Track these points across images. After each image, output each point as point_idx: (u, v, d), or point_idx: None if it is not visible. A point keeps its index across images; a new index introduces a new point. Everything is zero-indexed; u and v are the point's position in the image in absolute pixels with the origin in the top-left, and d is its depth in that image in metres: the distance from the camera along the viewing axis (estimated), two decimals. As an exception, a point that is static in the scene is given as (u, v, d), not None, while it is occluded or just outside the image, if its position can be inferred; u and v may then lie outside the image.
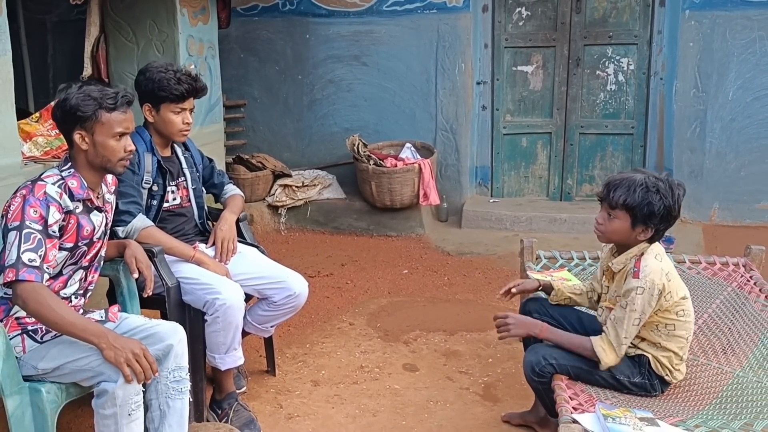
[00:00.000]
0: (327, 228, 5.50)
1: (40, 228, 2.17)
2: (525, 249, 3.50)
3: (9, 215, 2.18)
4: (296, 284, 2.96)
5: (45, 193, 2.20)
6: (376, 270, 4.75)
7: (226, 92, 5.26)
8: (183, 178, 3.02)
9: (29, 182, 2.25)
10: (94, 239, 2.39)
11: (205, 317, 2.74)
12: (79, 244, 2.32)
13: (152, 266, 2.62)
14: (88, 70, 4.21)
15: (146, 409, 2.33)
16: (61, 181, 2.28)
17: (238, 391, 2.97)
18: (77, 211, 2.30)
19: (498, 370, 3.37)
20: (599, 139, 5.69)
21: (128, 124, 2.34)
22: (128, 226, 2.74)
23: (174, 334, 2.38)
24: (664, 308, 2.35)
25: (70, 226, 2.28)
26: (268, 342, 3.29)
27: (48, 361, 2.21)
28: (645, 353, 2.40)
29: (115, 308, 2.48)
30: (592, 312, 2.75)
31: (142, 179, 2.87)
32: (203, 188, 3.16)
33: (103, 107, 2.27)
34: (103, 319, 2.42)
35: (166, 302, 2.71)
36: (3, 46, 2.88)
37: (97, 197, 2.40)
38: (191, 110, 2.95)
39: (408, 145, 5.42)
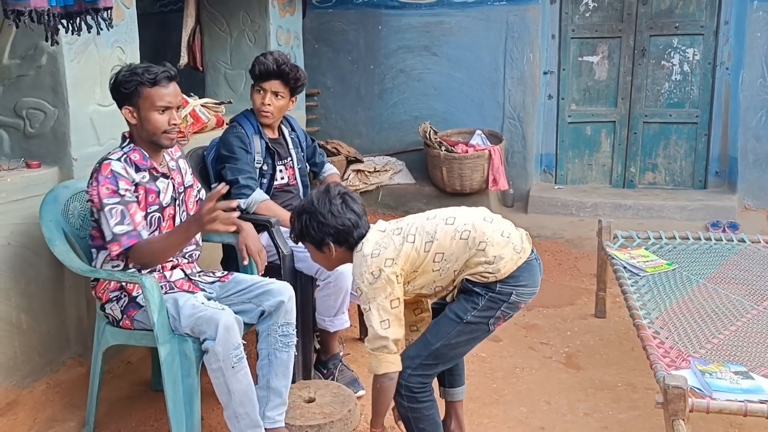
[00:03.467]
0: (398, 211, 5.73)
1: (117, 200, 2.37)
2: (603, 229, 3.69)
3: (92, 201, 2.40)
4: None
5: (111, 170, 2.39)
6: (448, 251, 4.95)
7: (302, 81, 5.52)
8: (290, 158, 3.27)
9: (97, 164, 2.43)
10: (163, 204, 2.54)
11: (317, 282, 2.98)
12: (149, 210, 2.49)
13: (263, 249, 2.79)
14: (184, 59, 4.50)
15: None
16: (124, 156, 2.45)
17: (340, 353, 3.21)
18: (144, 180, 2.48)
19: (577, 342, 3.56)
20: (663, 128, 5.80)
21: (170, 98, 2.44)
22: (249, 199, 3.00)
23: (285, 292, 2.60)
24: (415, 269, 2.26)
25: (140, 196, 2.46)
26: (362, 313, 3.51)
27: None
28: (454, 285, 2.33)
29: (228, 276, 2.72)
30: None
31: (254, 159, 3.12)
32: (307, 166, 3.40)
33: (144, 83, 2.39)
34: (216, 280, 2.68)
35: (281, 268, 2.95)
36: (132, 35, 3.17)
37: (161, 164, 2.56)
38: (277, 94, 3.11)
39: (479, 131, 5.62)
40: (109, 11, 2.35)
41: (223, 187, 2.34)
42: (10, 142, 2.93)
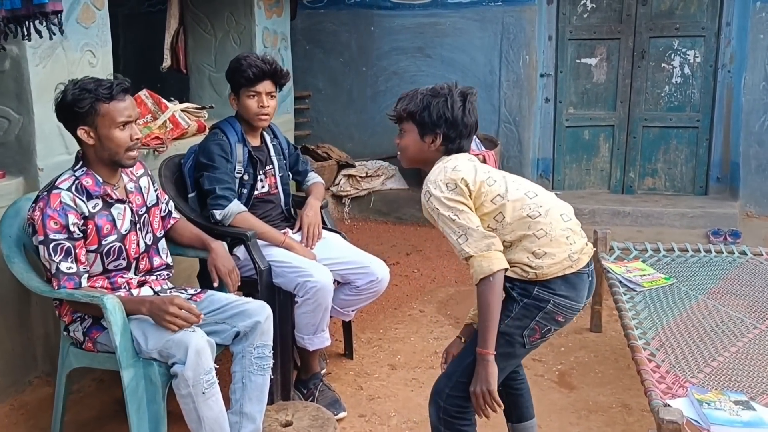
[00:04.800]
0: (390, 218, 5.59)
1: (65, 236, 2.24)
2: (599, 240, 3.54)
3: (34, 228, 2.25)
4: (379, 270, 3.05)
5: (60, 202, 2.24)
6: (440, 259, 4.82)
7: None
8: (271, 166, 3.13)
9: (45, 191, 2.28)
10: (122, 232, 2.40)
11: (296, 299, 2.84)
12: (103, 243, 2.35)
13: (235, 270, 2.66)
14: (167, 62, 4.36)
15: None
16: (76, 183, 2.30)
17: (321, 372, 3.08)
18: (96, 210, 2.33)
19: (571, 359, 3.42)
20: (663, 132, 5.65)
21: (130, 112, 2.30)
22: (225, 210, 2.87)
23: (261, 312, 2.47)
24: (474, 205, 2.10)
25: (89, 230, 2.31)
26: (347, 327, 3.38)
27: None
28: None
29: (201, 294, 2.59)
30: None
31: (234, 168, 2.98)
32: (289, 175, 3.26)
33: (100, 98, 2.23)
34: (188, 298, 2.53)
35: (258, 284, 2.82)
36: (104, 38, 3.02)
37: (116, 189, 2.40)
38: (270, 95, 3.01)
39: (473, 136, 5.46)
40: (58, 15, 2.21)
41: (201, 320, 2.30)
42: (-27, 151, 2.79)
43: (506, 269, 2.04)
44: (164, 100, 3.67)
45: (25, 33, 2.23)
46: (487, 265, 2.00)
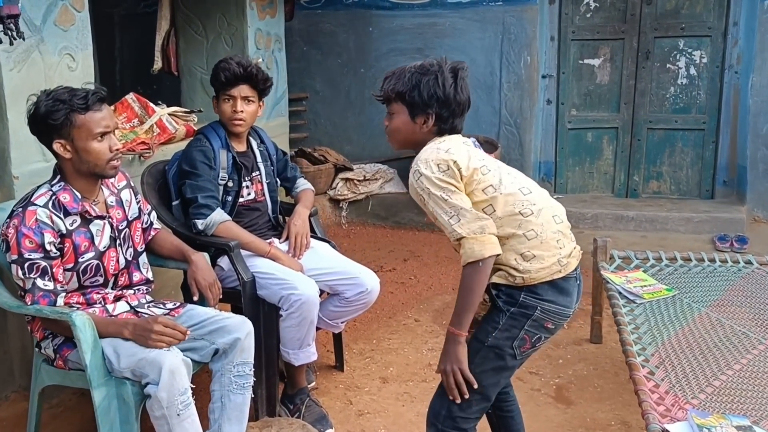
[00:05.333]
0: (388, 222, 5.48)
1: (40, 255, 2.14)
2: (598, 248, 3.43)
3: (8, 245, 2.14)
4: (368, 280, 2.94)
5: (36, 220, 2.13)
6: (438, 266, 4.71)
7: (288, 85, 5.28)
8: (257, 173, 3.03)
9: (21, 207, 2.17)
10: (101, 249, 2.30)
11: (280, 312, 2.74)
12: (80, 260, 2.25)
13: (215, 283, 2.57)
14: (158, 64, 4.26)
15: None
16: (53, 198, 2.19)
17: (308, 386, 2.97)
18: (74, 226, 2.23)
19: (569, 372, 3.30)
20: (668, 134, 5.53)
21: (108, 122, 2.18)
22: (207, 220, 2.76)
23: (242, 328, 2.38)
24: (465, 192, 1.98)
25: (66, 248, 2.21)
26: (337, 338, 3.28)
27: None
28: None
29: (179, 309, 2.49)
30: None
31: (218, 175, 2.88)
32: (277, 181, 3.16)
33: (75, 109, 2.12)
34: (166, 313, 2.45)
35: (242, 296, 2.72)
36: (84, 41, 2.92)
37: (95, 204, 2.30)
38: (247, 99, 2.89)
39: (472, 139, 5.27)
40: (14, 20, 2.10)
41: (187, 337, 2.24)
42: (-53, 158, 2.69)
43: (498, 254, 1.93)
44: (151, 104, 3.57)
45: (-21, 38, 2.12)
46: (479, 249, 1.90)
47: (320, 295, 2.92)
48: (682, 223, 5.09)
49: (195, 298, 2.53)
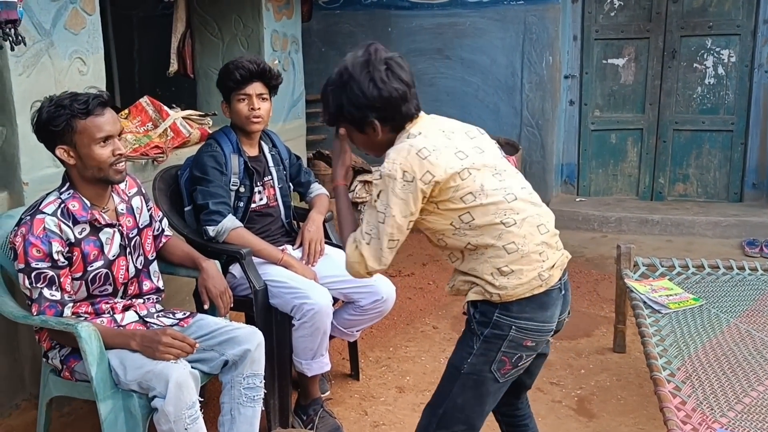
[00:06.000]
0: (407, 225, 5.39)
1: (48, 265, 2.09)
2: (622, 255, 3.32)
3: (15, 253, 2.10)
4: (384, 288, 2.86)
5: (44, 229, 2.09)
6: (458, 270, 4.61)
7: (306, 87, 5.21)
8: (269, 177, 2.97)
9: (29, 215, 2.13)
10: (110, 257, 2.26)
11: (293, 322, 2.67)
12: (88, 269, 2.21)
13: (226, 291, 2.51)
14: (174, 66, 4.23)
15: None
16: (61, 206, 2.15)
17: (322, 396, 2.90)
18: (83, 235, 2.19)
19: (591, 383, 3.20)
20: (695, 135, 5.39)
21: (110, 127, 2.12)
22: (218, 226, 2.71)
23: (252, 339, 2.32)
24: (439, 198, 1.81)
25: (74, 257, 2.17)
26: (352, 346, 3.21)
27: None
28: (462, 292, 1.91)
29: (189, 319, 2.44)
30: None
31: (229, 180, 2.83)
32: (290, 186, 3.10)
33: (76, 115, 2.08)
34: (175, 323, 2.40)
35: (254, 305, 2.66)
36: (95, 44, 2.87)
37: (104, 212, 2.25)
38: (261, 96, 2.84)
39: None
40: (12, 26, 2.05)
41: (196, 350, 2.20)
42: (-42, 164, 2.67)
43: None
44: (165, 107, 3.52)
45: (-20, 43, 2.08)
46: (357, 267, 1.86)
47: (334, 303, 2.85)
48: (709, 227, 4.96)
49: (205, 307, 2.48)
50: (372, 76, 1.81)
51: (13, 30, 2.06)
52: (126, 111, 3.57)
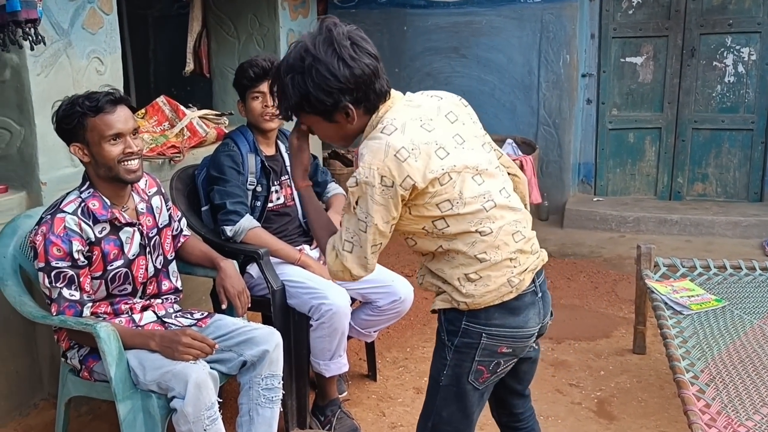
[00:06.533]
0: (422, 225, 5.37)
1: (68, 264, 2.10)
2: (642, 256, 3.28)
3: (35, 252, 2.10)
4: (402, 288, 2.84)
5: (65, 227, 2.09)
6: (474, 270, 4.59)
7: (322, 86, 5.21)
8: (286, 176, 2.95)
9: (49, 214, 2.14)
10: (130, 257, 2.26)
11: (310, 322, 2.66)
12: (108, 269, 2.21)
13: (245, 291, 2.50)
14: (190, 66, 4.23)
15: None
16: (82, 205, 2.15)
17: (340, 397, 2.89)
18: (103, 234, 2.19)
19: (611, 384, 3.16)
20: (714, 134, 5.32)
21: (120, 124, 2.11)
22: (236, 226, 2.70)
23: (270, 340, 2.31)
24: (414, 203, 1.68)
25: (95, 256, 2.17)
26: (370, 346, 3.19)
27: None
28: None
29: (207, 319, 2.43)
30: None
31: (246, 180, 2.82)
32: (307, 186, 3.08)
33: (86, 112, 2.09)
34: (193, 323, 2.40)
35: (271, 305, 2.65)
36: (113, 44, 2.87)
37: (124, 211, 2.25)
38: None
39: (509, 140, 5.22)
40: (32, 25, 2.05)
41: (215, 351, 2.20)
42: (-22, 164, 2.67)
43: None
44: (182, 107, 3.52)
45: (0, 43, 2.07)
46: (342, 278, 1.76)
47: (352, 304, 2.83)
48: (729, 227, 4.89)
49: (223, 307, 2.47)
50: (340, 54, 1.61)
51: (33, 29, 2.05)
52: (143, 111, 3.57)
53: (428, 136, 1.67)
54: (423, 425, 1.88)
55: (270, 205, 2.88)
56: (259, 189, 2.85)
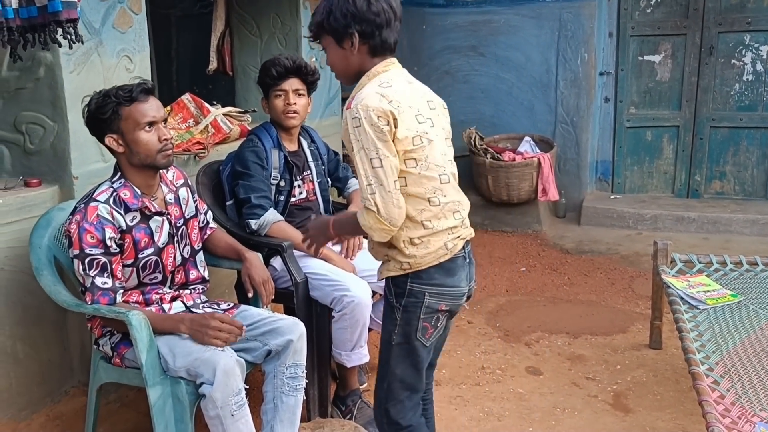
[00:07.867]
0: (440, 222, 5.42)
1: (101, 251, 2.17)
2: (659, 251, 3.32)
3: (70, 241, 2.18)
4: (421, 282, 2.90)
5: (98, 216, 2.17)
6: (492, 267, 4.64)
7: (341, 84, 5.27)
8: (309, 172, 3.02)
9: (83, 204, 2.21)
10: (159, 245, 2.33)
11: (332, 314, 2.72)
12: (140, 256, 2.28)
13: (269, 280, 2.57)
14: (213, 64, 4.31)
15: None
16: (113, 195, 2.23)
17: (360, 387, 2.95)
18: (134, 222, 2.26)
19: (627, 378, 3.20)
20: (732, 133, 5.33)
21: (154, 112, 2.22)
22: (261, 220, 2.77)
23: (294, 330, 2.37)
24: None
25: (126, 244, 2.24)
26: (389, 339, 3.25)
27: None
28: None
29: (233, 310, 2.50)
30: None
31: (270, 175, 2.89)
32: (329, 181, 3.15)
33: (121, 102, 2.17)
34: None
35: (294, 297, 2.72)
36: (142, 43, 2.95)
37: (153, 200, 2.33)
38: (297, 92, 2.91)
39: (527, 138, 5.26)
40: (72, 24, 2.13)
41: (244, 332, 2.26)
42: (11, 158, 2.76)
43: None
44: (206, 104, 3.60)
45: (42, 43, 2.15)
46: (374, 230, 1.88)
47: (373, 296, 2.90)
48: (746, 225, 4.91)
49: (249, 295, 2.54)
50: None
51: (72, 29, 2.14)
52: (168, 108, 3.65)
53: (413, 102, 1.94)
54: (380, 387, 2.08)
55: (293, 199, 2.96)
56: (282, 184, 2.92)
